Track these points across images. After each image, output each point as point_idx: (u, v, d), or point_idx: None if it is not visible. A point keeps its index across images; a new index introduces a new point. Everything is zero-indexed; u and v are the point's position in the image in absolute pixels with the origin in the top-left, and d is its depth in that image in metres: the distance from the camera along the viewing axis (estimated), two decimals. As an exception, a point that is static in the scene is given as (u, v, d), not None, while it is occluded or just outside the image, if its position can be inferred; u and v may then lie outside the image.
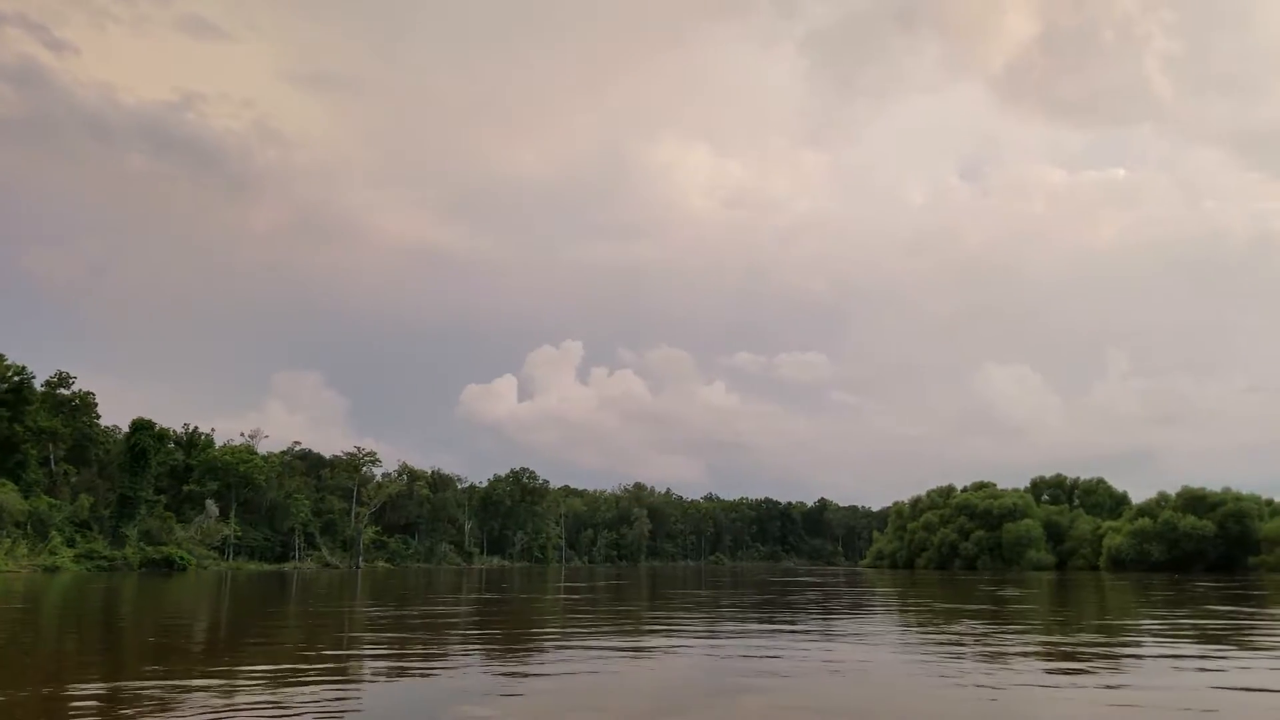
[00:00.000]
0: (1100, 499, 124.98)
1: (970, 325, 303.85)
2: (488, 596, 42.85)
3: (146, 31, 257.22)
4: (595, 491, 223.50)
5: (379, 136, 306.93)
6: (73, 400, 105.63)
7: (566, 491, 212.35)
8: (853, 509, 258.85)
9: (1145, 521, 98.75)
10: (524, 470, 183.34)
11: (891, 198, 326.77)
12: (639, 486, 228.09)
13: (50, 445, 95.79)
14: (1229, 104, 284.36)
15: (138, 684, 13.15)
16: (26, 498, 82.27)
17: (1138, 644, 19.89)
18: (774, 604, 36.17)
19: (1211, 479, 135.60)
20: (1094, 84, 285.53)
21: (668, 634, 21.81)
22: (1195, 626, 24.54)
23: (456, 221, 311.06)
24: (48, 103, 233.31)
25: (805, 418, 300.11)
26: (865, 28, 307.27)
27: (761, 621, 26.61)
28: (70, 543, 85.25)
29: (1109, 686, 13.27)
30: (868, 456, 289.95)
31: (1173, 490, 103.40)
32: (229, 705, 11.45)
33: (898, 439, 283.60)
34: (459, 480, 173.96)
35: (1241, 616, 28.72)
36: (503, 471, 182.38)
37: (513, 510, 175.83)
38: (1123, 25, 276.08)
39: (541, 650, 18.56)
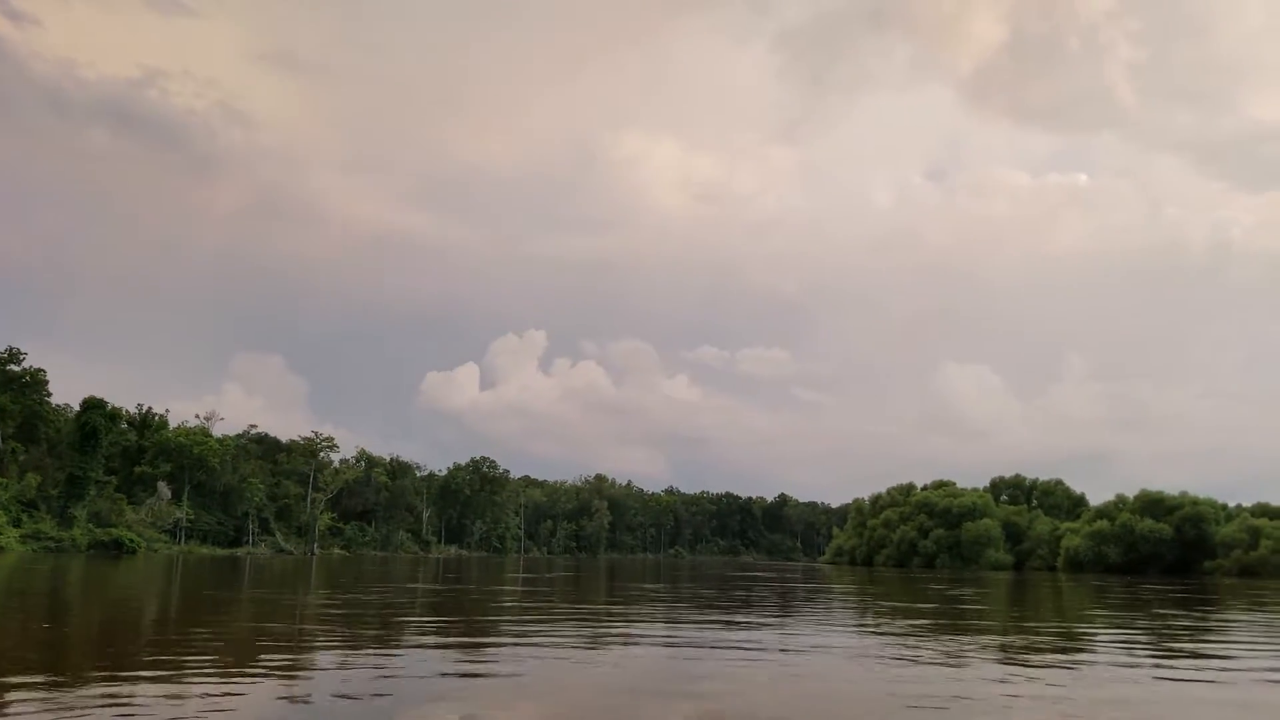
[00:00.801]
0: (1059, 500, 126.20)
1: (932, 325, 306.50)
2: (441, 587, 42.07)
3: (111, 6, 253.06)
4: (555, 482, 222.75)
5: (345, 121, 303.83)
6: (23, 377, 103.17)
7: (527, 482, 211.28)
8: (812, 505, 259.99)
9: (1103, 524, 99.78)
10: (484, 459, 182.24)
11: (858, 196, 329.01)
12: (600, 478, 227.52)
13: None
14: (1191, 113, 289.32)
15: (79, 680, 12.46)
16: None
17: (1091, 648, 19.61)
18: (731, 600, 35.74)
19: (1168, 483, 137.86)
20: (1059, 90, 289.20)
21: (624, 640, 21.16)
22: (1148, 629, 24.39)
23: (422, 209, 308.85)
24: (4, 75, 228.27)
25: (767, 413, 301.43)
26: (837, 27, 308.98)
27: (717, 619, 26.14)
28: (16, 522, 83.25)
29: (1056, 687, 12.90)
30: (828, 453, 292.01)
31: (1129, 493, 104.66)
32: (175, 697, 11.02)
33: (858, 436, 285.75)
34: (418, 468, 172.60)
35: (1194, 619, 28.67)
36: (463, 460, 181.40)
37: (472, 499, 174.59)
38: (1088, 33, 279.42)
39: (498, 646, 17.94)
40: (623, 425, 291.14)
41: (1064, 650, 18.75)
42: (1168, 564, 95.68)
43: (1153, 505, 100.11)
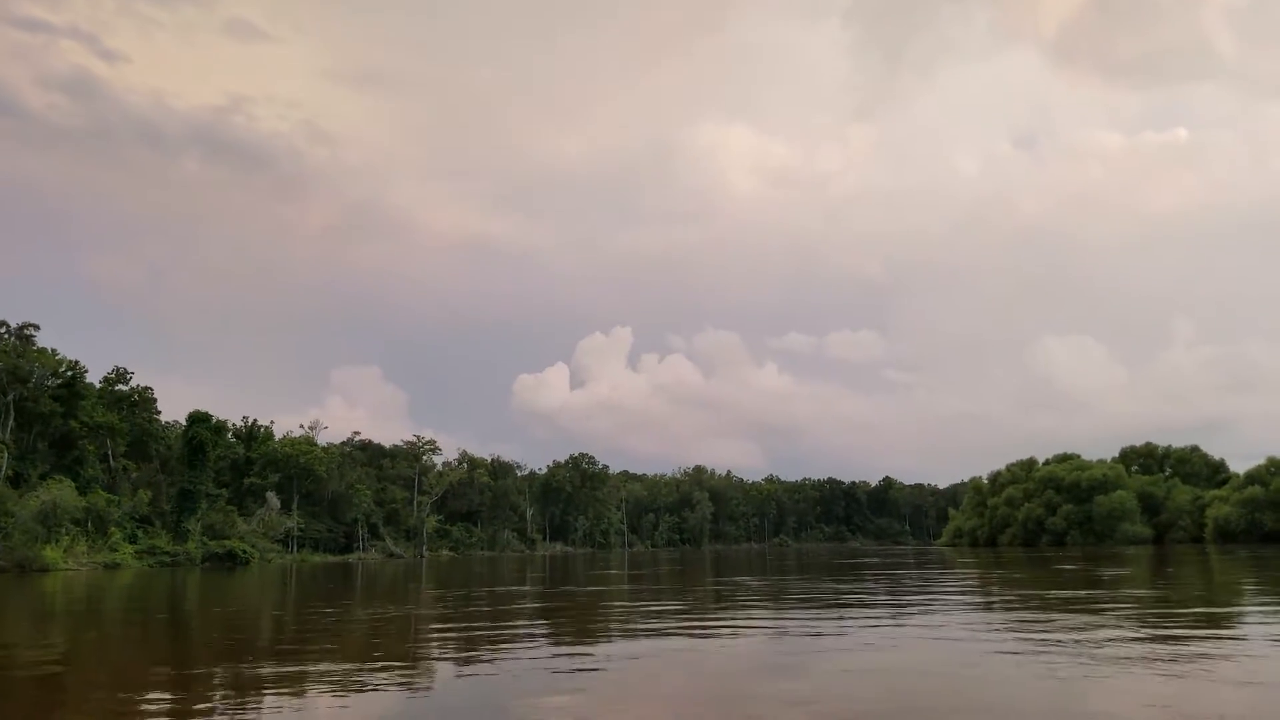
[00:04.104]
0: (1196, 468, 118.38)
1: (1027, 298, 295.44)
2: (555, 590, 39.09)
3: (193, 37, 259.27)
4: (655, 476, 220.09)
5: (424, 131, 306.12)
6: (131, 396, 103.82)
7: (626, 477, 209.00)
8: (919, 487, 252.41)
9: (1255, 490, 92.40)
10: (583, 456, 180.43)
11: (942, 170, 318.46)
12: (699, 469, 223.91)
13: (109, 441, 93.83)
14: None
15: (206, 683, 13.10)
16: (84, 494, 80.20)
17: None
18: (859, 593, 31.89)
19: None
20: (1151, 43, 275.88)
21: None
22: None
23: (503, 213, 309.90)
24: (101, 111, 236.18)
25: (860, 398, 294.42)
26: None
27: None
28: (131, 538, 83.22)
29: None
30: (926, 435, 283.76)
31: (1252, 461, 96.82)
32: (299, 698, 11.72)
33: (955, 416, 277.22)
34: (519, 467, 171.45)
35: None
36: (559, 459, 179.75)
37: (573, 496, 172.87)
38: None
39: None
40: (715, 418, 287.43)
41: None
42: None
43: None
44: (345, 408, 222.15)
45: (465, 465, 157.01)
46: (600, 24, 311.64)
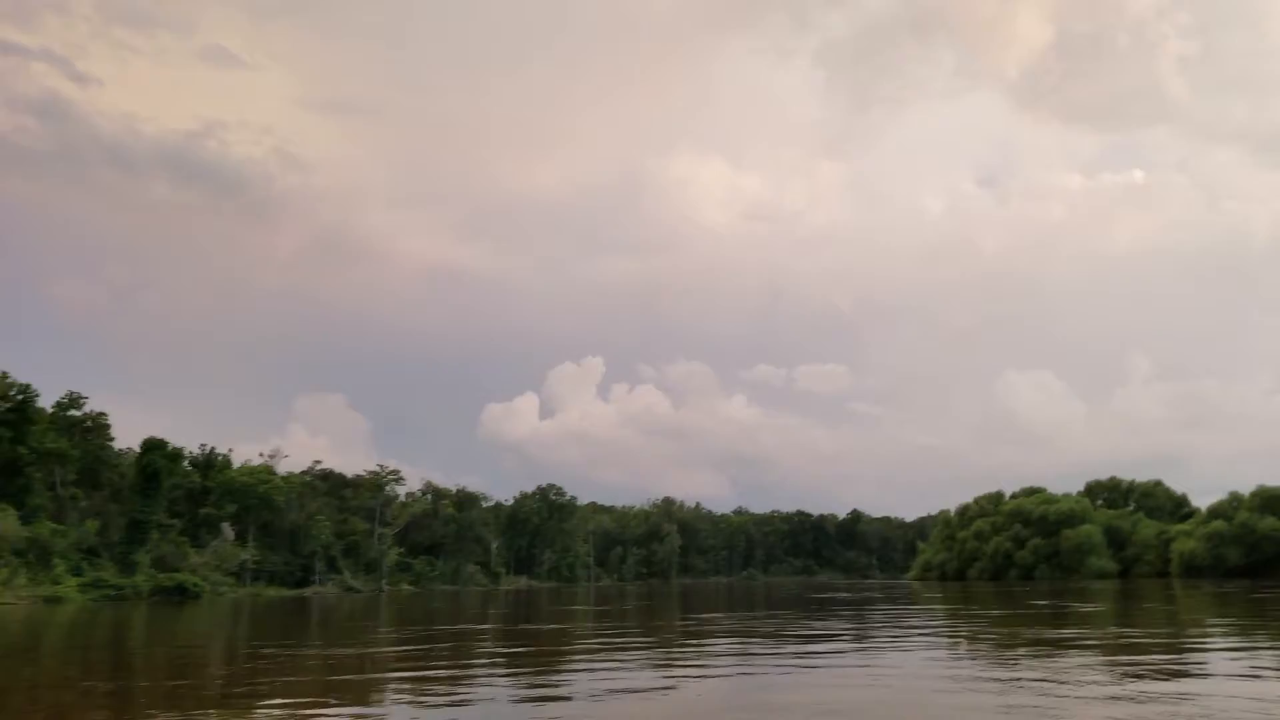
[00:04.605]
0: (1159, 502, 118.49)
1: (990, 333, 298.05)
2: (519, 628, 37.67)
3: (168, 62, 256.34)
4: (624, 507, 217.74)
5: (397, 159, 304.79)
6: (84, 421, 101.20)
7: (594, 508, 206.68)
8: (886, 520, 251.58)
9: (1219, 524, 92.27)
10: (551, 487, 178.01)
11: (909, 207, 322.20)
12: (668, 501, 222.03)
13: (57, 468, 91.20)
14: (1246, 103, 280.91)
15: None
16: (29, 523, 77.60)
17: None
18: (832, 634, 30.77)
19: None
20: (1109, 87, 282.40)
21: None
22: None
23: (475, 241, 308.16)
24: (71, 134, 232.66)
25: (828, 430, 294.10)
26: (879, 37, 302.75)
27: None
28: (76, 570, 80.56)
29: None
30: (893, 467, 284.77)
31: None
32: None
33: (921, 449, 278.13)
34: (485, 498, 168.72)
35: None
36: (527, 490, 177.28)
37: (541, 528, 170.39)
38: (1136, 28, 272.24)
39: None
40: (684, 448, 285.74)
41: None
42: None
43: (1272, 501, 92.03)
44: (308, 436, 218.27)
45: (430, 496, 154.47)
46: (573, 54, 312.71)
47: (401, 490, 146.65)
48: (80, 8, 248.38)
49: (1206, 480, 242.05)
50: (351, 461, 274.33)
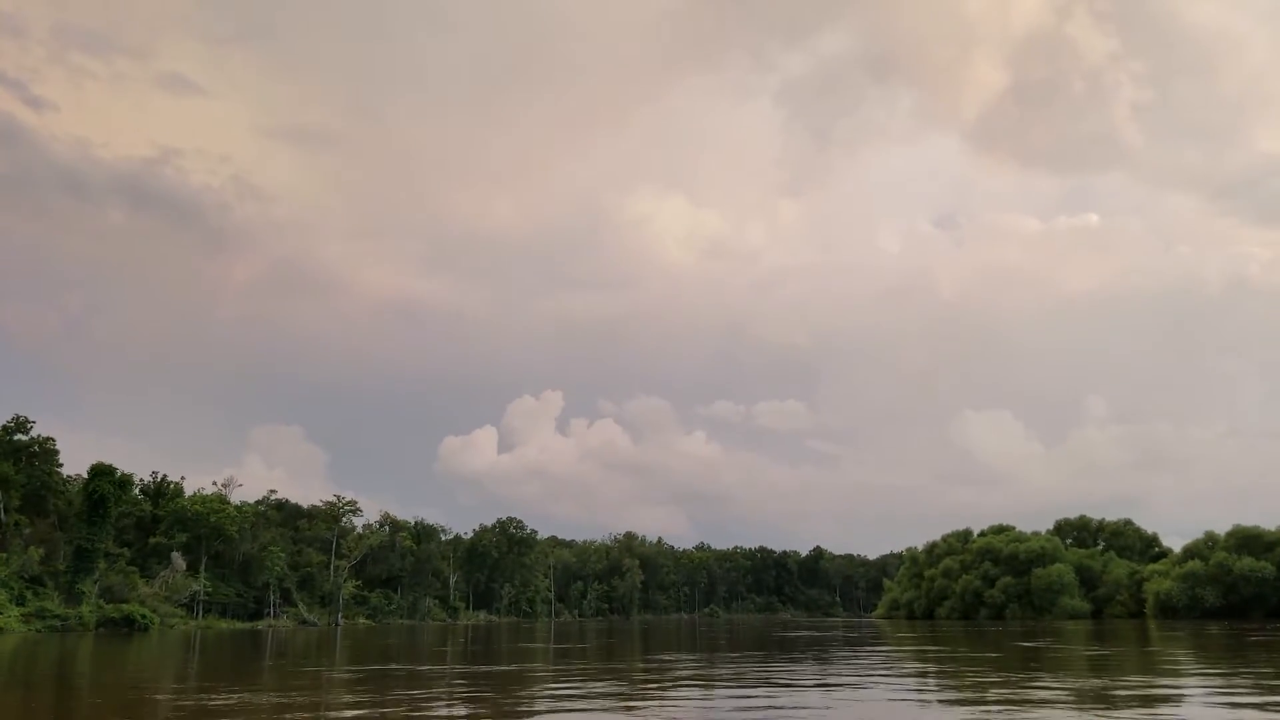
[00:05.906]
0: (1129, 541, 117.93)
1: (948, 373, 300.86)
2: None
3: (125, 89, 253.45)
4: (585, 542, 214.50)
5: (357, 190, 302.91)
6: (30, 446, 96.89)
7: (555, 542, 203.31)
8: (849, 557, 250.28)
9: (1195, 564, 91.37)
10: (511, 520, 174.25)
11: (867, 247, 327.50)
12: (630, 536, 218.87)
13: (1, 494, 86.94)
14: (1199, 150, 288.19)
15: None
16: (-32, 551, 73.56)
17: None
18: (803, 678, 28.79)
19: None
20: (1064, 133, 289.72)
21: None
22: None
23: (435, 274, 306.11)
24: (26, 159, 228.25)
25: (786, 467, 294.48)
26: (839, 79, 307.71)
27: None
28: (19, 600, 76.42)
29: None
30: (851, 505, 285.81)
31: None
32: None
33: (880, 487, 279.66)
34: (444, 531, 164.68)
35: None
36: (485, 524, 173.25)
37: (500, 562, 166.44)
38: (1092, 75, 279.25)
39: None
40: (643, 484, 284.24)
41: None
42: (1272, 606, 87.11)
43: (1249, 541, 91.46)
44: (263, 467, 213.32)
45: (387, 528, 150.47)
46: (535, 90, 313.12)
47: (359, 522, 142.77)
48: (36, 31, 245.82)
49: (1165, 521, 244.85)
50: (308, 493, 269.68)
